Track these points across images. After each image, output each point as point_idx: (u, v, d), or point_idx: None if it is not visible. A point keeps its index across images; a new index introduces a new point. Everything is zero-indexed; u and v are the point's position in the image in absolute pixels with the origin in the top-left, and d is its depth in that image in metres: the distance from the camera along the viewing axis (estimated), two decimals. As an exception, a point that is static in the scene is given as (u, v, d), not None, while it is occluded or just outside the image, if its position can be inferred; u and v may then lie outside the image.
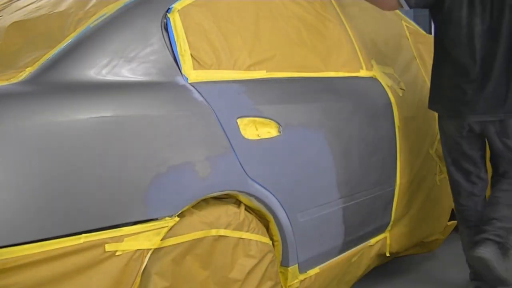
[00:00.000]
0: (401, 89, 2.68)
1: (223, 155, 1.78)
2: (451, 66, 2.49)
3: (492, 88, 2.41)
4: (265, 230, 1.97)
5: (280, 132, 1.97)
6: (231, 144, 1.80)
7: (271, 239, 2.00)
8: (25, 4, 2.08)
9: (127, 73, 1.68)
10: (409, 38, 2.98)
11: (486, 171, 2.61)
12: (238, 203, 1.89)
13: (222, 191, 1.79)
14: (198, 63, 1.83)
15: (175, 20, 1.83)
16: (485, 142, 2.57)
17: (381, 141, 2.48)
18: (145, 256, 1.53)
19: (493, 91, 2.41)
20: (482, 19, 2.41)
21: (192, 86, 1.78)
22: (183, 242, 1.66)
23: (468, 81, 2.43)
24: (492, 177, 2.62)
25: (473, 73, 2.42)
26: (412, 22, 3.13)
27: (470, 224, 2.58)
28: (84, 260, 1.42)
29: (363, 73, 2.52)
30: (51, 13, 1.90)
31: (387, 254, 2.68)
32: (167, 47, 1.79)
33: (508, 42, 2.39)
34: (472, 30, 2.42)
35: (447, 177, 2.96)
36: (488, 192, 2.64)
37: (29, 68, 1.57)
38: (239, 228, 1.83)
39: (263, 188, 1.91)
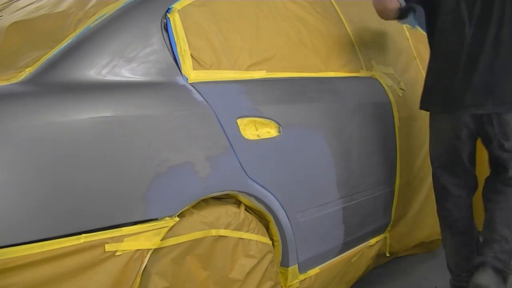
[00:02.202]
0: (401, 89, 2.68)
1: (223, 155, 1.78)
2: (439, 57, 2.37)
3: (478, 79, 2.24)
4: (265, 230, 1.97)
5: (280, 132, 1.97)
6: (231, 144, 1.80)
7: (271, 239, 2.00)
8: (25, 4, 2.08)
9: (127, 73, 1.68)
10: (409, 38, 2.98)
11: (476, 176, 2.42)
12: (238, 203, 1.89)
13: (222, 191, 1.79)
14: (198, 63, 1.83)
15: (175, 20, 1.83)
16: (476, 146, 2.39)
17: (381, 141, 2.48)
18: (145, 256, 1.53)
19: (480, 81, 2.24)
20: (468, 5, 2.27)
21: (192, 86, 1.78)
22: (183, 242, 1.66)
23: (455, 71, 2.28)
24: (489, 182, 2.40)
25: (459, 62, 2.27)
26: (412, 22, 3.13)
27: (455, 230, 2.43)
28: (84, 260, 1.42)
29: (363, 73, 2.52)
30: (51, 13, 1.90)
31: (387, 254, 2.68)
32: (167, 47, 1.79)
33: (496, 29, 2.22)
34: (459, 16, 2.28)
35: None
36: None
37: (29, 68, 1.57)
38: (239, 228, 1.83)
39: (263, 188, 1.91)
